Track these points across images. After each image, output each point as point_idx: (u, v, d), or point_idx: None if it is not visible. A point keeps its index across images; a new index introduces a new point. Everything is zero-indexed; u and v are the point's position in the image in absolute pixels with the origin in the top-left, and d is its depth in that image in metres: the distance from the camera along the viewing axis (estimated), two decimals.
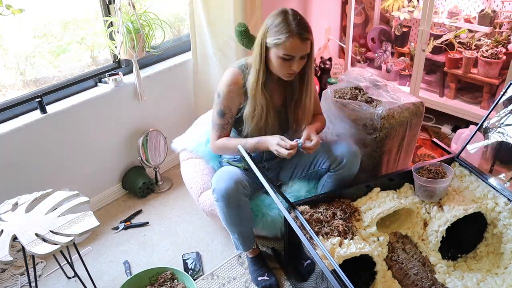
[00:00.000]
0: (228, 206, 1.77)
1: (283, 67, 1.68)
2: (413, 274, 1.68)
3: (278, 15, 1.65)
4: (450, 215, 1.74)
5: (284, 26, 1.61)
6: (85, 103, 2.23)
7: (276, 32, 1.63)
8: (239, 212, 1.80)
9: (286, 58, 1.65)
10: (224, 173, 1.80)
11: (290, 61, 1.66)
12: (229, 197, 1.74)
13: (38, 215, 1.66)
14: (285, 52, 1.63)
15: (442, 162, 1.89)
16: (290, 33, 1.60)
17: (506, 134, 1.84)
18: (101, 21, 2.30)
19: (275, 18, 1.65)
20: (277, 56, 1.65)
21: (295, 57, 1.65)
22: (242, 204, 1.79)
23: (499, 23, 2.80)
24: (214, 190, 1.78)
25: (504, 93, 1.86)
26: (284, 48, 1.62)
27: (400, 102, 2.09)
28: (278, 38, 1.62)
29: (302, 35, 1.62)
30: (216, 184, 1.77)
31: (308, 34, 1.64)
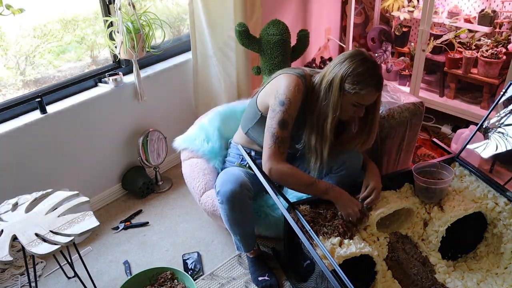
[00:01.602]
0: (233, 209, 1.76)
1: (350, 112, 1.67)
2: (413, 274, 1.68)
3: (362, 63, 1.58)
4: (450, 215, 1.74)
5: (367, 78, 1.58)
6: (85, 103, 2.23)
7: (358, 82, 1.58)
8: (242, 214, 1.80)
9: (356, 105, 1.64)
10: (230, 175, 1.79)
11: (358, 107, 1.65)
12: (234, 200, 1.74)
13: (38, 215, 1.66)
14: (360, 101, 1.62)
15: (442, 162, 1.89)
16: (371, 86, 1.59)
17: (506, 134, 1.84)
18: (101, 21, 2.30)
19: (358, 66, 1.58)
20: (349, 102, 1.63)
21: (365, 104, 1.65)
22: (246, 207, 1.79)
23: (499, 23, 2.80)
24: (218, 193, 1.76)
25: (504, 93, 1.86)
26: (361, 99, 1.61)
27: (400, 102, 2.09)
28: (359, 89, 1.58)
29: (380, 87, 1.62)
30: (221, 186, 1.75)
31: (383, 85, 1.64)
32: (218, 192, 1.77)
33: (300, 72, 1.71)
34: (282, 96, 1.65)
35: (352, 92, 1.59)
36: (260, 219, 1.93)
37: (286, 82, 1.66)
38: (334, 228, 1.64)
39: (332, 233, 1.62)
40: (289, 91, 1.64)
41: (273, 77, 1.77)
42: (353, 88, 1.58)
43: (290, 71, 1.72)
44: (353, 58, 1.60)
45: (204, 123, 2.23)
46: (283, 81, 1.68)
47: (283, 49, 2.44)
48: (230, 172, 1.84)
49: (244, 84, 2.71)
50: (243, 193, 1.75)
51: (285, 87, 1.66)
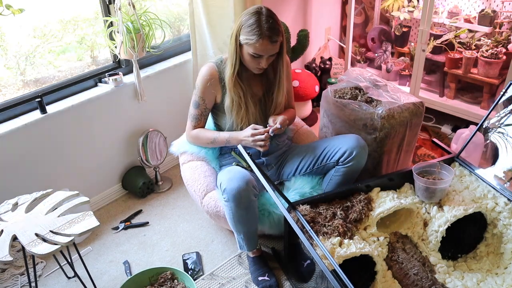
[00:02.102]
0: (239, 206, 1.77)
1: (252, 63, 1.81)
2: (413, 274, 1.68)
3: (252, 14, 1.73)
4: (450, 215, 1.74)
5: (255, 28, 1.71)
6: (85, 103, 2.23)
7: (248, 32, 1.73)
8: (248, 212, 1.80)
9: (255, 56, 1.77)
10: (235, 173, 1.80)
11: (259, 58, 1.79)
12: (241, 197, 1.74)
13: (38, 215, 1.66)
14: (255, 51, 1.75)
15: (442, 162, 1.89)
16: (260, 36, 1.71)
17: (506, 134, 1.84)
18: (101, 21, 2.30)
19: (249, 17, 1.73)
20: (247, 53, 1.78)
21: (263, 56, 1.77)
22: (252, 204, 1.80)
23: (499, 23, 2.80)
24: (225, 190, 1.77)
25: (504, 93, 1.86)
26: (254, 48, 1.74)
27: (400, 102, 2.09)
28: (249, 38, 1.73)
29: (271, 38, 1.73)
30: (228, 184, 1.76)
31: (277, 37, 1.75)
32: (225, 189, 1.77)
33: (219, 58, 1.96)
34: (196, 82, 1.96)
35: (244, 42, 1.76)
36: (264, 217, 1.93)
37: (202, 71, 1.94)
38: (334, 228, 1.64)
39: (332, 233, 1.62)
40: (199, 77, 1.94)
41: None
42: (245, 39, 1.74)
43: (212, 59, 1.98)
44: (248, 12, 1.76)
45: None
46: (202, 69, 1.95)
47: None
48: (235, 170, 1.85)
49: None
50: (250, 190, 1.76)
51: (199, 75, 1.95)
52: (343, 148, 1.87)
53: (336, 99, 2.17)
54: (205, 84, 1.92)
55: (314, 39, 3.32)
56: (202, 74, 1.93)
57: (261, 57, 1.78)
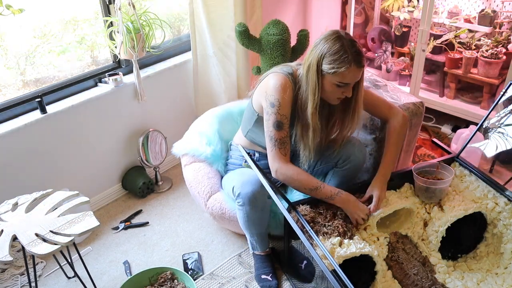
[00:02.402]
0: (255, 209, 1.77)
1: (335, 94, 1.64)
2: (413, 274, 1.68)
3: (335, 41, 1.57)
4: (450, 215, 1.74)
5: (343, 55, 1.55)
6: (85, 103, 2.23)
7: (334, 61, 1.56)
8: (262, 214, 1.81)
9: (340, 85, 1.60)
10: (247, 177, 1.79)
11: (343, 87, 1.62)
12: (256, 200, 1.74)
13: (38, 215, 1.66)
14: (342, 80, 1.58)
15: (442, 162, 1.89)
16: (349, 63, 1.55)
17: (506, 134, 1.84)
18: (101, 21, 2.30)
19: (332, 45, 1.57)
20: (331, 83, 1.60)
21: (350, 83, 1.61)
22: (266, 206, 1.81)
23: (499, 23, 2.80)
24: (239, 195, 1.76)
25: (504, 93, 1.86)
26: (342, 77, 1.57)
27: (400, 102, 2.08)
28: (337, 67, 1.56)
29: (360, 63, 1.57)
30: (242, 188, 1.75)
31: (364, 61, 1.59)
32: (239, 194, 1.76)
33: (288, 70, 1.71)
34: (271, 98, 1.66)
35: (331, 72, 1.57)
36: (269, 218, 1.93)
37: (273, 82, 1.67)
38: (334, 228, 1.64)
39: (332, 233, 1.62)
40: (277, 91, 1.65)
41: (263, 77, 1.77)
42: (331, 68, 1.57)
43: (278, 69, 1.73)
44: (328, 38, 1.59)
45: (202, 126, 2.22)
46: (271, 81, 1.68)
47: (283, 49, 2.44)
48: (246, 173, 1.84)
49: (244, 84, 2.71)
50: (263, 193, 1.75)
51: (272, 87, 1.66)
52: (341, 151, 1.86)
53: None
54: (284, 99, 1.65)
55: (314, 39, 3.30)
56: (279, 87, 1.65)
57: (347, 86, 1.61)
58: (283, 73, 1.69)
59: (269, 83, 1.68)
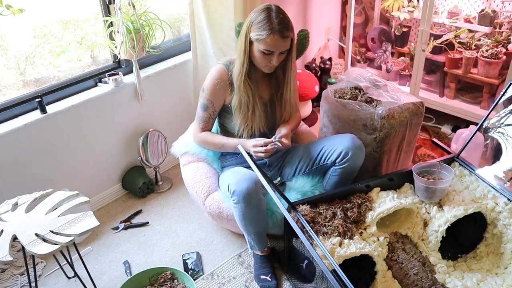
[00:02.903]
0: (249, 207, 1.77)
1: (263, 61, 1.79)
2: (413, 274, 1.68)
3: (262, 11, 1.73)
4: (450, 215, 1.74)
5: (266, 23, 1.71)
6: (85, 103, 2.23)
7: (258, 28, 1.72)
8: (258, 211, 1.81)
9: (266, 52, 1.75)
10: (242, 174, 1.80)
11: (270, 55, 1.76)
12: (251, 198, 1.75)
13: (38, 215, 1.66)
14: (266, 47, 1.73)
15: (442, 162, 1.89)
16: (271, 30, 1.70)
17: (506, 134, 1.84)
18: (101, 21, 2.30)
19: (259, 14, 1.73)
20: (258, 50, 1.76)
21: (274, 52, 1.75)
22: (262, 204, 1.81)
23: (499, 23, 2.80)
24: (234, 192, 1.77)
25: (504, 93, 1.86)
26: (265, 44, 1.73)
27: (400, 102, 2.09)
28: (260, 34, 1.72)
29: (282, 33, 1.71)
30: (236, 186, 1.76)
31: (288, 32, 1.73)
32: (234, 192, 1.76)
33: (228, 59, 1.93)
34: (204, 84, 1.94)
35: (255, 39, 1.74)
36: (267, 216, 1.93)
37: (211, 73, 1.92)
38: (334, 228, 1.64)
39: (332, 233, 1.62)
40: (208, 79, 1.92)
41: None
42: (256, 35, 1.73)
43: (220, 60, 1.96)
44: (257, 9, 1.76)
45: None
46: (211, 71, 1.93)
47: None
48: (241, 171, 1.85)
49: None
50: (258, 190, 1.76)
51: (208, 77, 1.92)
52: (339, 149, 1.87)
53: (336, 99, 2.17)
54: (214, 87, 1.90)
55: (314, 39, 3.31)
56: (211, 76, 1.91)
57: (272, 54, 1.76)
58: (222, 63, 1.92)
59: (210, 72, 1.93)
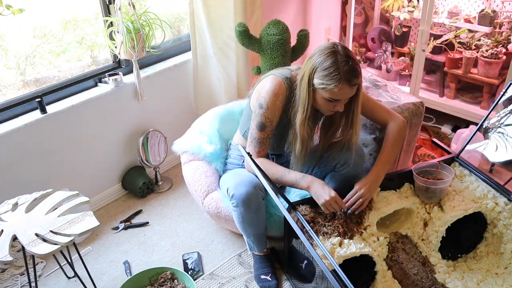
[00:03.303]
0: (248, 210, 1.76)
1: (326, 107, 1.63)
2: (413, 274, 1.68)
3: (329, 55, 1.53)
4: (450, 215, 1.74)
5: (334, 72, 1.52)
6: (85, 103, 2.23)
7: (324, 76, 1.53)
8: (257, 215, 1.80)
9: (331, 100, 1.59)
10: (242, 178, 1.79)
11: (334, 102, 1.61)
12: (250, 201, 1.74)
13: (38, 215, 1.66)
14: (331, 97, 1.57)
15: (442, 162, 1.89)
16: (339, 80, 1.52)
17: (506, 134, 1.84)
18: (101, 21, 2.30)
19: (325, 59, 1.53)
20: (322, 97, 1.60)
21: (341, 100, 1.60)
22: (261, 207, 1.80)
23: (499, 23, 2.80)
24: (233, 196, 1.75)
25: (504, 93, 1.86)
26: (331, 94, 1.56)
27: (400, 102, 2.09)
28: (326, 83, 1.54)
29: (351, 81, 1.54)
30: (235, 189, 1.75)
31: (357, 80, 1.55)
32: (233, 195, 1.76)
33: (286, 74, 1.72)
34: (261, 99, 1.69)
35: (321, 88, 1.56)
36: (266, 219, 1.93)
37: (268, 85, 1.69)
38: (334, 228, 1.64)
39: (332, 233, 1.62)
40: (268, 94, 1.68)
41: (262, 78, 1.78)
42: (320, 84, 1.55)
43: (277, 72, 1.73)
44: (322, 51, 1.56)
45: (203, 125, 2.23)
46: (267, 84, 1.70)
47: (283, 49, 2.44)
48: (241, 174, 1.83)
49: (244, 84, 2.71)
50: (258, 194, 1.75)
51: (266, 90, 1.69)
52: (339, 155, 1.82)
53: None
54: (274, 103, 1.68)
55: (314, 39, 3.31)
56: (272, 91, 1.67)
57: (338, 101, 1.59)
58: (281, 77, 1.70)
59: (265, 85, 1.70)
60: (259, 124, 1.72)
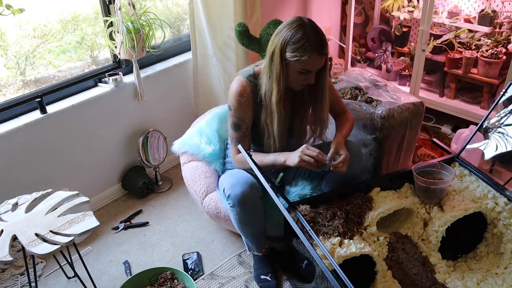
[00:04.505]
0: (245, 211, 1.76)
1: (299, 80, 1.67)
2: (413, 274, 1.68)
3: (297, 29, 1.58)
4: (450, 215, 1.74)
5: (306, 43, 1.56)
6: (85, 103, 2.23)
7: (297, 49, 1.57)
8: (254, 215, 1.80)
9: (303, 72, 1.63)
10: (238, 178, 1.79)
11: (306, 74, 1.64)
12: (246, 201, 1.74)
13: (38, 215, 1.66)
14: (304, 67, 1.61)
15: (442, 162, 1.89)
16: (311, 51, 1.57)
17: (506, 134, 1.84)
18: (101, 21, 2.30)
19: (295, 33, 1.58)
20: (295, 71, 1.63)
21: (312, 71, 1.64)
22: (258, 207, 1.80)
23: (499, 23, 2.79)
24: (229, 197, 1.76)
25: (504, 93, 1.86)
26: (304, 64, 1.60)
27: (400, 102, 2.09)
28: (300, 55, 1.58)
29: (322, 52, 1.60)
30: (231, 190, 1.75)
31: (326, 48, 1.62)
32: (229, 196, 1.76)
33: (249, 71, 1.78)
34: (229, 102, 1.78)
35: (294, 60, 1.59)
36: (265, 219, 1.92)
37: (233, 87, 1.76)
38: (334, 228, 1.64)
39: (332, 233, 1.62)
40: (233, 96, 1.75)
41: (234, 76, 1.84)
42: (294, 56, 1.58)
43: (240, 72, 1.80)
44: (290, 26, 1.59)
45: (202, 125, 2.22)
46: (232, 86, 1.77)
47: None
48: (237, 174, 1.84)
49: None
50: (254, 194, 1.75)
51: (231, 92, 1.76)
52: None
53: None
54: (240, 103, 1.74)
55: None
56: (235, 92, 1.74)
57: (310, 73, 1.64)
58: (243, 76, 1.76)
59: (231, 87, 1.77)
60: (233, 125, 1.80)
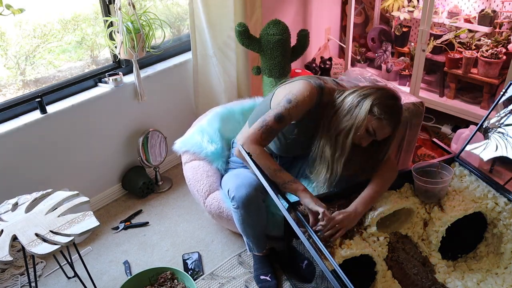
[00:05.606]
0: (248, 213, 1.76)
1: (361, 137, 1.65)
2: (413, 274, 1.68)
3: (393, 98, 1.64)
4: (450, 215, 1.74)
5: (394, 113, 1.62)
6: (85, 103, 2.23)
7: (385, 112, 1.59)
8: (257, 217, 1.80)
9: (370, 132, 1.63)
10: (242, 179, 1.78)
11: (368, 136, 1.65)
12: (250, 204, 1.74)
13: (38, 215, 1.66)
14: (376, 130, 1.62)
15: (442, 162, 1.89)
16: (389, 120, 1.60)
17: (506, 134, 1.84)
18: (101, 21, 2.30)
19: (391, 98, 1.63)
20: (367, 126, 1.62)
21: (377, 137, 1.65)
22: (261, 209, 1.80)
23: (499, 23, 2.80)
24: (234, 198, 1.75)
25: (504, 93, 1.86)
26: (378, 127, 1.61)
27: None
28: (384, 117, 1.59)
29: (395, 127, 1.65)
30: (236, 191, 1.75)
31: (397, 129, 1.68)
32: (233, 197, 1.76)
33: (320, 84, 1.71)
34: (292, 96, 1.66)
35: (376, 117, 1.60)
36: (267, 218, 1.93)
37: (302, 88, 1.67)
38: None
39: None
40: (301, 94, 1.66)
41: (294, 80, 1.76)
42: (379, 113, 1.59)
43: (311, 79, 1.72)
44: (387, 91, 1.65)
45: (204, 124, 2.22)
46: (300, 86, 1.68)
47: (283, 49, 2.44)
48: (242, 175, 1.83)
49: (244, 84, 2.71)
50: (258, 196, 1.75)
51: (298, 90, 1.67)
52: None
53: None
54: (304, 103, 1.66)
55: (314, 39, 3.31)
56: (305, 93, 1.66)
57: (373, 136, 1.65)
58: (315, 85, 1.69)
59: (299, 87, 1.68)
60: (278, 115, 1.66)
